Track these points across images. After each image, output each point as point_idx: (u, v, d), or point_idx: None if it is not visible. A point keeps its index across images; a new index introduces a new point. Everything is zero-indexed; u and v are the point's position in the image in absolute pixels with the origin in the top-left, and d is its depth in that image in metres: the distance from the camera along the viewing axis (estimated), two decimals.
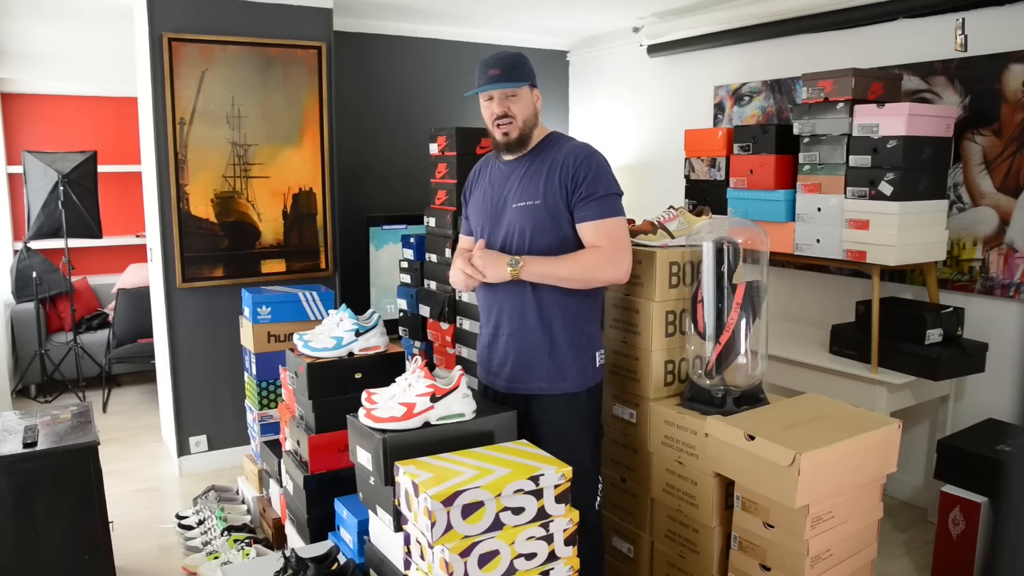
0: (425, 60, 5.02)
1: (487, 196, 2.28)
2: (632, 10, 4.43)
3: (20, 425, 2.56)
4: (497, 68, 2.13)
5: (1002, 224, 3.18)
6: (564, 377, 2.17)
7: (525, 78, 2.16)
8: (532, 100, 2.18)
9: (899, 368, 3.07)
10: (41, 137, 5.58)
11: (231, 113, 3.78)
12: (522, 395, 2.20)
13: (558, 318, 2.15)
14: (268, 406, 3.27)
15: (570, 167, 2.11)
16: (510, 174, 2.22)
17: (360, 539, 2.15)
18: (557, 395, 2.17)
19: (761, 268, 2.34)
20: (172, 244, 3.73)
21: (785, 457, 1.91)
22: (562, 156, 2.14)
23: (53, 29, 4.54)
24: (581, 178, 2.10)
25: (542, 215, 2.12)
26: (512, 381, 2.22)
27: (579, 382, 2.19)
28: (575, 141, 2.22)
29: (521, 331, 2.18)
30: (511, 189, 2.20)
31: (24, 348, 5.12)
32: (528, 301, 2.15)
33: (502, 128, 2.16)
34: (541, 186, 2.14)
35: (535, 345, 2.17)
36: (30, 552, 2.36)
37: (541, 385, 2.18)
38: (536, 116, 2.20)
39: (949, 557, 2.78)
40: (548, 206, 2.12)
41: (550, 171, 2.14)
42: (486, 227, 2.25)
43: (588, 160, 2.13)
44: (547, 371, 2.17)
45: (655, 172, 4.85)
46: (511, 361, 2.21)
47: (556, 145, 2.20)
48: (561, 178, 2.11)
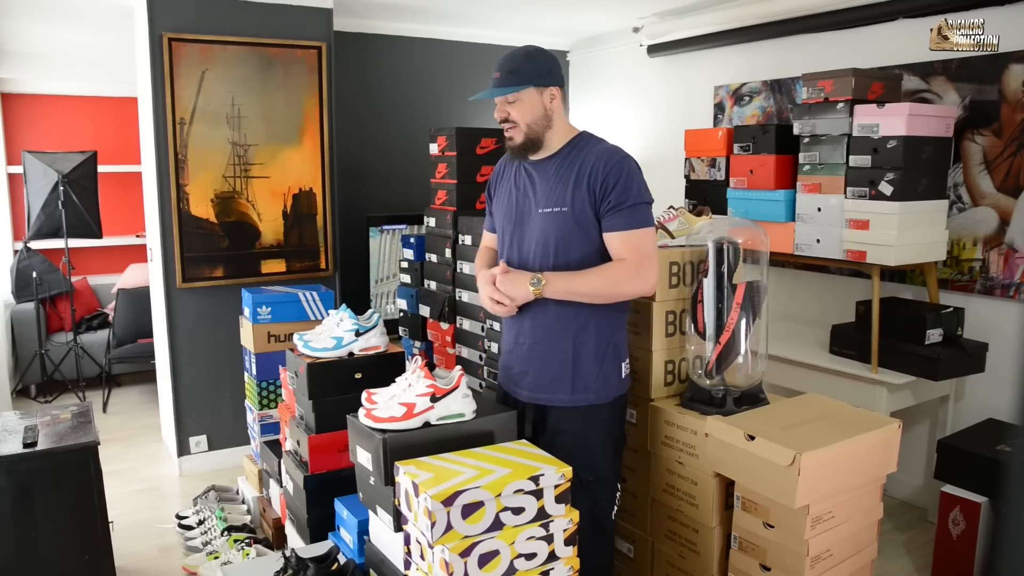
0: (425, 60, 5.02)
1: (512, 197, 2.16)
2: (632, 10, 4.43)
3: (20, 425, 2.56)
4: (498, 71, 2.04)
5: (1002, 224, 3.18)
6: (588, 389, 2.09)
7: (527, 80, 2.02)
8: (540, 102, 2.04)
9: (899, 368, 3.07)
10: (41, 137, 5.58)
11: (231, 113, 3.78)
12: (543, 405, 2.13)
13: (583, 330, 2.07)
14: (268, 406, 3.27)
15: (600, 173, 1.99)
16: (536, 176, 2.11)
17: (360, 539, 2.15)
18: (582, 407, 2.09)
19: (761, 268, 2.34)
20: (172, 244, 3.73)
21: (785, 457, 1.91)
22: (591, 160, 2.02)
23: (53, 29, 4.54)
24: (611, 185, 1.98)
25: (569, 223, 2.02)
26: (534, 391, 2.14)
27: (603, 394, 2.10)
28: (606, 144, 2.08)
29: (544, 341, 2.10)
30: (537, 193, 2.09)
31: (24, 348, 5.12)
32: (551, 313, 2.07)
33: (507, 133, 2.08)
34: (569, 192, 2.02)
35: (558, 357, 2.08)
36: (30, 552, 2.36)
37: (562, 397, 2.10)
38: (547, 118, 2.06)
39: (949, 557, 2.78)
40: (576, 213, 2.01)
41: (578, 176, 2.02)
42: (510, 232, 2.16)
43: (619, 166, 2.00)
44: (570, 383, 2.09)
45: (655, 172, 4.82)
46: (533, 371, 2.13)
47: (586, 147, 2.07)
48: (590, 184, 2.00)
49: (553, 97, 2.06)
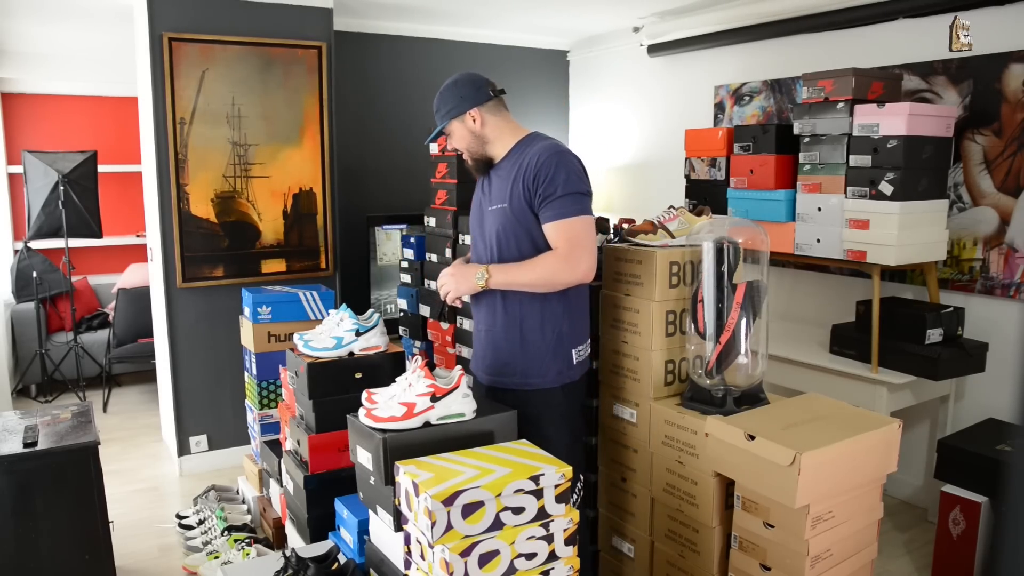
0: (425, 60, 5.02)
1: (476, 199, 2.35)
2: (632, 10, 4.43)
3: (20, 425, 2.56)
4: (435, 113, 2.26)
5: (1002, 224, 3.18)
6: (538, 374, 2.20)
7: (445, 116, 2.22)
8: (465, 129, 2.21)
9: (899, 368, 3.07)
10: (41, 137, 5.58)
11: (231, 113, 3.78)
12: (500, 388, 2.25)
13: (527, 318, 2.19)
14: (268, 406, 3.27)
15: (532, 168, 2.10)
16: (493, 177, 2.27)
17: (360, 539, 2.15)
18: (532, 391, 2.21)
19: (761, 268, 2.34)
20: (172, 244, 3.73)
21: (785, 457, 1.91)
22: (527, 158, 2.13)
23: (53, 29, 4.54)
24: (542, 178, 2.07)
25: (510, 218, 2.15)
26: (492, 375, 2.28)
27: (553, 379, 2.21)
28: (546, 141, 2.19)
29: (496, 329, 2.24)
30: (490, 192, 2.25)
31: (24, 348, 5.13)
32: (497, 302, 2.21)
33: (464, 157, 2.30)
34: (508, 189, 2.15)
35: (507, 343, 2.22)
36: (30, 552, 2.36)
37: (515, 380, 2.22)
38: (479, 138, 2.22)
39: (949, 557, 2.78)
40: (514, 209, 2.13)
41: (516, 173, 2.14)
42: (474, 229, 2.34)
43: (550, 159, 2.08)
44: (520, 368, 2.21)
45: (655, 172, 4.85)
46: (489, 356, 2.27)
47: (527, 146, 2.19)
48: (524, 179, 2.11)
49: (475, 119, 2.21)
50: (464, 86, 2.21)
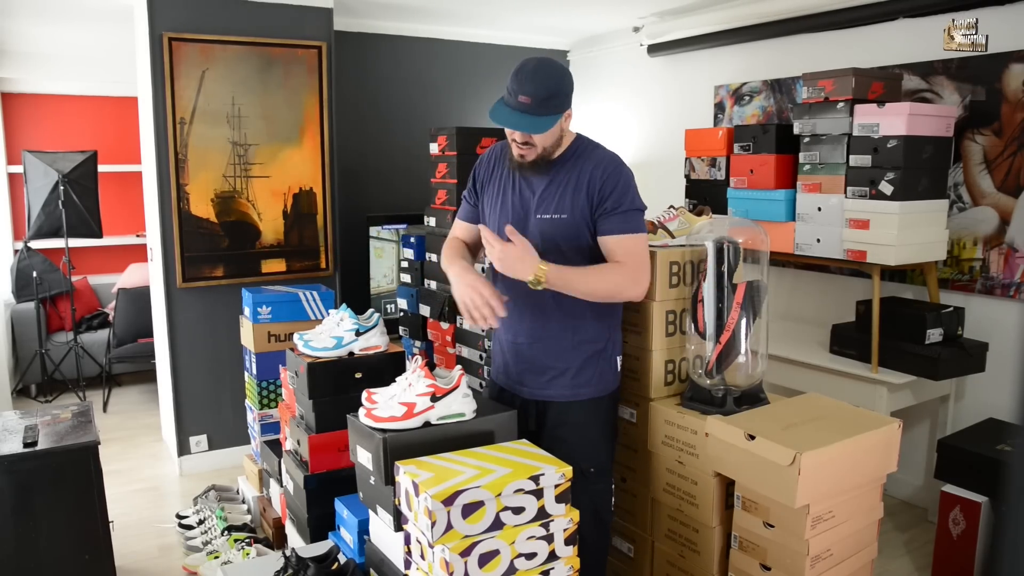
0: (425, 60, 5.02)
1: (508, 199, 2.15)
2: (632, 10, 4.43)
3: (20, 425, 2.56)
4: (528, 96, 1.94)
5: (1002, 224, 3.18)
6: (588, 383, 2.16)
7: (558, 110, 1.98)
8: (560, 125, 2.03)
9: (899, 368, 3.07)
10: (41, 137, 5.58)
11: (231, 113, 3.78)
12: (543, 400, 2.19)
13: (581, 326, 2.13)
14: (268, 406, 3.27)
15: (598, 179, 2.04)
16: (534, 181, 2.11)
17: (360, 539, 2.15)
18: (582, 400, 2.17)
19: (761, 268, 2.34)
20: (172, 244, 3.73)
21: (785, 457, 1.91)
22: (590, 168, 2.06)
23: (53, 29, 4.54)
24: (608, 191, 2.03)
25: (570, 230, 2.07)
26: (536, 388, 2.19)
27: (602, 387, 2.19)
28: (603, 151, 2.12)
29: (545, 339, 2.14)
30: (536, 197, 2.10)
31: (24, 348, 5.13)
32: (550, 310, 2.11)
33: (519, 150, 2.05)
34: (568, 199, 2.06)
35: (558, 353, 2.14)
36: (30, 552, 2.36)
37: (564, 392, 2.16)
38: (560, 138, 2.07)
39: (949, 557, 2.78)
40: (575, 220, 2.06)
41: (578, 184, 2.05)
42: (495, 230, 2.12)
43: (616, 172, 2.06)
44: (571, 378, 2.15)
45: (655, 172, 4.85)
46: (535, 368, 2.17)
47: (584, 154, 2.10)
48: (589, 191, 2.04)
49: (569, 116, 2.05)
50: (569, 77, 2.04)
